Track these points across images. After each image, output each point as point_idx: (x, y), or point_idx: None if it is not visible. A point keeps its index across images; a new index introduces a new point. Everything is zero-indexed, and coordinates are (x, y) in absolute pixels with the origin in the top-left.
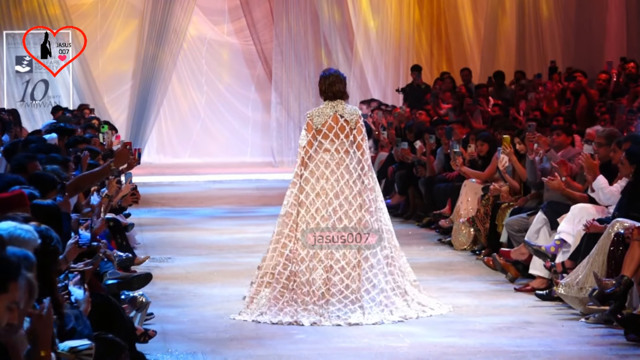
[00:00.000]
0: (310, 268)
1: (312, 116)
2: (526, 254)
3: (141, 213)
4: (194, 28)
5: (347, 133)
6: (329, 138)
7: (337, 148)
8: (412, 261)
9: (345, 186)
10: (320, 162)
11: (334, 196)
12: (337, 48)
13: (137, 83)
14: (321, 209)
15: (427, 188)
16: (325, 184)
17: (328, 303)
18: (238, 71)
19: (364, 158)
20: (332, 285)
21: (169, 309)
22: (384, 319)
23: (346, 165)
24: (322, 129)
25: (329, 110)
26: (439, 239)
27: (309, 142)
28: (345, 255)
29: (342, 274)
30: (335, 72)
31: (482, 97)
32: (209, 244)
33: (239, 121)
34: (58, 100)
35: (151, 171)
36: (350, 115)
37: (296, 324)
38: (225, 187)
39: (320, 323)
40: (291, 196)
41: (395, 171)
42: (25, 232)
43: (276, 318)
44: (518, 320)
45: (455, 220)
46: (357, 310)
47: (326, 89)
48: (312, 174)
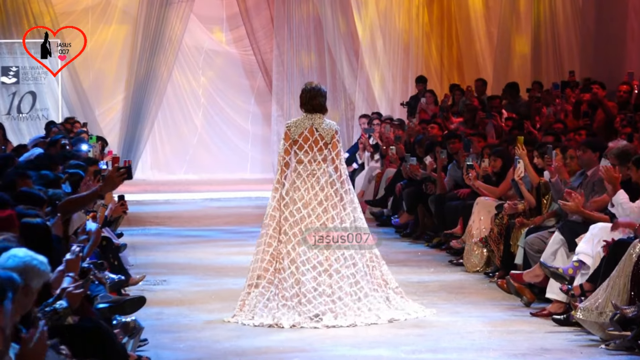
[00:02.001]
0: (289, 265)
1: (289, 126)
2: (541, 276)
3: (134, 233)
4: (190, 37)
5: (320, 147)
6: (304, 149)
7: (310, 160)
8: (421, 284)
9: (314, 197)
10: (293, 171)
11: (302, 206)
12: (342, 58)
13: (130, 95)
14: (295, 214)
15: (438, 206)
16: (293, 193)
17: (300, 303)
18: (237, 82)
19: (337, 174)
20: (302, 284)
21: (164, 334)
22: (357, 322)
23: (317, 178)
24: (298, 139)
25: (306, 122)
26: (450, 261)
27: (285, 149)
28: (321, 262)
29: (313, 273)
30: (317, 86)
31: (495, 110)
32: (206, 265)
33: (238, 135)
34: (46, 113)
35: (145, 188)
36: (325, 131)
37: (277, 326)
38: (224, 205)
39: (299, 325)
40: (274, 200)
41: (404, 188)
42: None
43: (258, 320)
44: (534, 346)
45: (467, 241)
46: (328, 312)
47: (306, 102)
48: (288, 181)
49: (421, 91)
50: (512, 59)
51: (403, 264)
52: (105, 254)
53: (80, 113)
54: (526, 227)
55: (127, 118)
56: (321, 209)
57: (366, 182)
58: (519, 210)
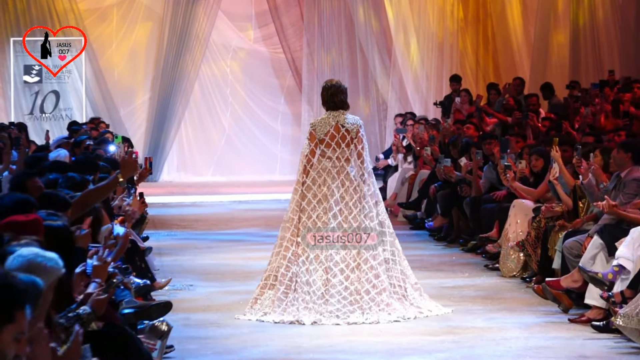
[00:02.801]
0: (310, 270)
1: (315, 126)
2: (579, 281)
3: (160, 236)
4: (217, 34)
5: (347, 142)
6: (331, 147)
7: (338, 156)
8: (456, 288)
9: (346, 193)
10: (322, 170)
11: (334, 202)
12: (374, 56)
13: (156, 94)
14: (322, 215)
15: (473, 209)
16: (326, 190)
17: (327, 303)
18: (266, 81)
19: (364, 166)
20: (331, 286)
21: (190, 341)
22: (380, 319)
23: (347, 173)
24: (324, 138)
25: (331, 120)
26: (485, 265)
27: (311, 150)
28: (344, 258)
29: (341, 276)
30: (337, 84)
31: (531, 110)
32: (235, 270)
33: (267, 136)
34: (70, 113)
35: (171, 190)
36: (351, 126)
37: (297, 322)
38: (252, 207)
39: (320, 322)
40: (293, 202)
41: (438, 190)
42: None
43: (279, 317)
44: (572, 354)
45: (503, 245)
46: (357, 310)
47: (328, 100)
48: (314, 182)
49: (455, 90)
50: (550, 57)
51: (437, 269)
52: (130, 257)
53: (104, 113)
54: (564, 231)
55: (153, 118)
56: (351, 203)
57: (399, 184)
58: (557, 213)
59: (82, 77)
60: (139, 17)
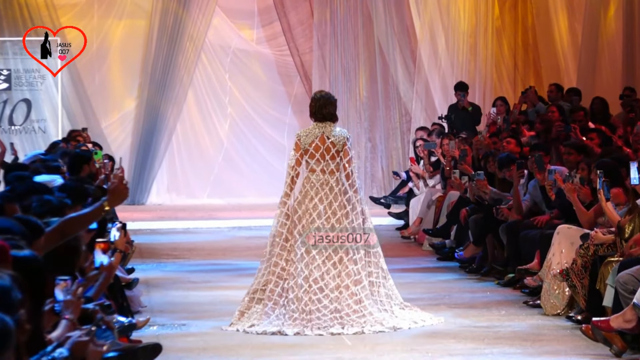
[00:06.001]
0: (298, 284)
1: (300, 136)
2: (632, 321)
3: (148, 268)
4: (215, 34)
5: (332, 155)
6: (315, 158)
7: (322, 169)
8: (490, 329)
9: (328, 207)
10: (306, 182)
11: (316, 216)
12: (396, 59)
13: (143, 103)
14: (307, 227)
15: (510, 236)
16: (309, 203)
17: (311, 313)
18: (271, 88)
19: (349, 181)
20: (317, 301)
21: None
22: (364, 329)
23: (330, 187)
24: (309, 148)
25: (317, 131)
26: (525, 302)
27: (296, 160)
28: (332, 278)
29: (326, 291)
30: (327, 95)
31: (576, 122)
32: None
33: (271, 152)
34: (43, 125)
35: (161, 215)
36: (337, 138)
37: (280, 334)
38: (255, 235)
39: (303, 333)
40: (281, 215)
41: (470, 214)
42: None
43: (262, 329)
44: None
45: (545, 278)
46: (336, 324)
47: (316, 111)
48: (300, 193)
49: (460, 100)
50: (600, 60)
51: (469, 306)
52: (111, 292)
53: (83, 125)
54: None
55: (139, 131)
56: (335, 219)
57: (424, 207)
58: (609, 241)
59: (58, 83)
60: (124, 13)
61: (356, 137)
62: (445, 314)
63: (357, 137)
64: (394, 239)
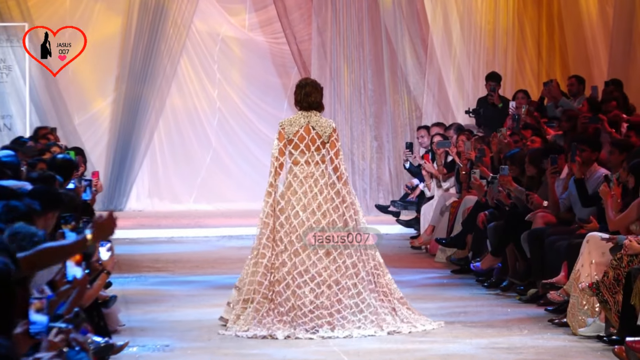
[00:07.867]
0: (285, 277)
1: (283, 125)
2: None
3: (127, 282)
4: (202, 20)
5: (318, 146)
6: (300, 149)
7: (307, 160)
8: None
9: (313, 200)
10: (289, 173)
11: (300, 209)
12: (405, 48)
13: (121, 97)
14: (292, 219)
15: (534, 246)
16: (291, 196)
17: (296, 316)
18: (264, 81)
19: (337, 174)
20: (298, 297)
21: None
22: (354, 334)
23: (315, 179)
24: (293, 138)
25: (302, 120)
26: (550, 320)
27: (280, 150)
28: (320, 273)
29: (311, 285)
30: (313, 82)
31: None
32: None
33: (265, 152)
34: (9, 122)
35: (141, 222)
36: (322, 129)
37: (270, 337)
38: (247, 244)
39: (293, 336)
40: (267, 206)
41: (489, 221)
42: None
43: (252, 332)
44: None
45: (572, 292)
46: (325, 325)
47: (302, 99)
48: (283, 185)
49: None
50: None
51: (487, 324)
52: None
53: (54, 122)
54: None
55: (117, 128)
56: (320, 212)
57: (437, 213)
58: None
59: (25, 75)
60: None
61: (361, 136)
62: (461, 330)
63: (361, 135)
64: (403, 249)
